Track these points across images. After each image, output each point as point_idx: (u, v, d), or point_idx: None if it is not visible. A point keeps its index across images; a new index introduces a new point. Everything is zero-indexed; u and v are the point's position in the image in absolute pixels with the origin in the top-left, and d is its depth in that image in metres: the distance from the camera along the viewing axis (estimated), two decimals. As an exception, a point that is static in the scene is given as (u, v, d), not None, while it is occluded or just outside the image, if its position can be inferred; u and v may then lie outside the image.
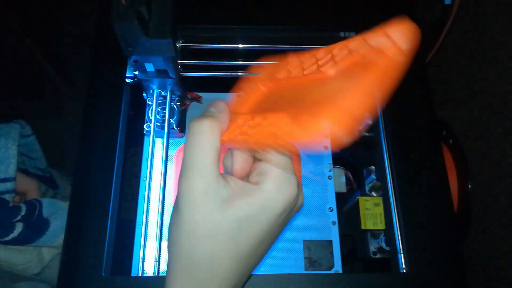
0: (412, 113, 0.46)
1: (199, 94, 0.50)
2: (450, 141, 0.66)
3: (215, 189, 0.24)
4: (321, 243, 0.45)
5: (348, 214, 0.50)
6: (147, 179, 0.43)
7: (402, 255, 0.40)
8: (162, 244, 0.43)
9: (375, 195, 0.50)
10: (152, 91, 0.45)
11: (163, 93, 0.46)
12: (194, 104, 0.51)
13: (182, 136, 0.49)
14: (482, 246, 0.61)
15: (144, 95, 0.46)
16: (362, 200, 0.48)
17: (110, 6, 0.31)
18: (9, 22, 0.97)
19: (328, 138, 0.50)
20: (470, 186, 0.61)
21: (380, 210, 0.47)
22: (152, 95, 0.45)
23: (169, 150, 0.48)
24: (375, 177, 0.48)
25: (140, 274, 0.39)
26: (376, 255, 0.47)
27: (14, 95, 1.18)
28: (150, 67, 0.40)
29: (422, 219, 0.42)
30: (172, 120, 0.46)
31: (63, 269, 0.39)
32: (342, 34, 0.50)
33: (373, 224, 0.47)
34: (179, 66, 0.42)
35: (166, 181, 0.45)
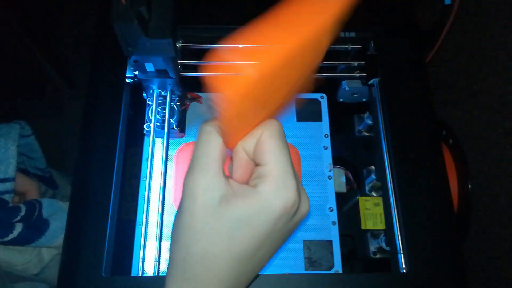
0: (412, 113, 0.46)
1: (199, 94, 0.50)
2: (450, 141, 0.66)
3: (215, 186, 0.24)
4: (321, 243, 0.45)
5: (348, 214, 0.50)
6: (147, 179, 0.43)
7: (402, 255, 0.40)
8: (162, 244, 0.43)
9: (375, 195, 0.50)
10: (152, 91, 0.45)
11: (163, 93, 0.46)
12: (194, 104, 0.51)
13: (182, 136, 0.49)
14: (482, 246, 0.61)
15: (144, 95, 0.47)
16: (362, 200, 0.48)
17: (110, 6, 0.31)
18: (9, 22, 0.97)
19: (328, 138, 0.50)
20: (470, 186, 0.61)
21: (380, 210, 0.47)
22: (152, 95, 0.45)
23: (169, 150, 0.48)
24: (375, 177, 0.48)
25: (140, 274, 0.39)
26: (376, 255, 0.47)
27: (14, 95, 1.18)
28: (150, 67, 0.40)
29: (422, 219, 0.42)
30: (172, 120, 0.46)
31: (63, 269, 0.38)
32: (342, 34, 0.50)
33: (373, 224, 0.47)
34: (179, 66, 0.42)
35: (166, 181, 0.45)
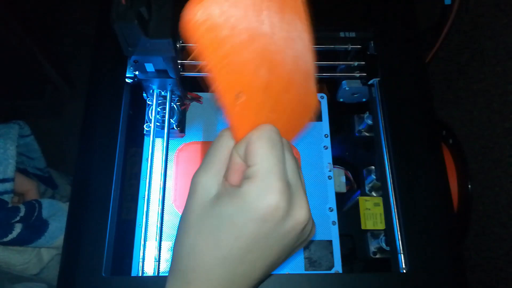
0: (412, 113, 0.46)
1: (199, 94, 0.50)
2: (450, 141, 0.66)
3: (213, 185, 0.26)
4: (321, 243, 0.45)
5: (348, 214, 0.50)
6: (147, 179, 0.43)
7: (402, 255, 0.40)
8: (162, 244, 0.43)
9: (375, 195, 0.50)
10: (152, 91, 0.45)
11: (163, 93, 0.46)
12: (194, 104, 0.51)
13: (182, 136, 0.49)
14: (482, 246, 0.61)
15: (144, 95, 0.46)
16: (362, 200, 0.48)
17: (110, 6, 0.31)
18: (9, 22, 0.97)
19: (328, 138, 0.50)
20: (470, 186, 0.61)
21: (380, 210, 0.47)
22: (152, 95, 0.45)
23: (169, 150, 0.48)
24: (375, 177, 0.48)
25: (140, 274, 0.39)
26: (376, 255, 0.47)
27: (14, 95, 1.18)
28: (150, 67, 0.40)
29: (422, 219, 0.42)
30: (172, 120, 0.46)
31: (63, 268, 0.38)
32: (342, 34, 0.50)
33: (373, 224, 0.47)
34: (179, 66, 0.42)
35: (166, 181, 0.45)
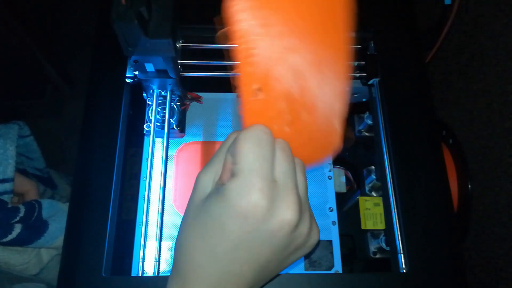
0: (412, 113, 0.46)
1: (199, 94, 0.50)
2: (450, 141, 0.66)
3: (209, 183, 0.27)
4: (321, 243, 0.45)
5: (348, 214, 0.50)
6: (147, 179, 0.43)
7: (402, 255, 0.40)
8: (162, 244, 0.43)
9: (375, 195, 0.50)
10: (152, 91, 0.45)
11: (163, 93, 0.46)
12: (194, 104, 0.51)
13: (182, 136, 0.49)
14: (482, 246, 0.61)
15: (144, 95, 0.46)
16: (362, 200, 0.48)
17: (110, 6, 0.31)
18: (9, 22, 0.97)
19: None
20: (470, 186, 0.61)
21: (380, 210, 0.47)
22: (152, 95, 0.45)
23: (169, 150, 0.48)
24: (375, 177, 0.48)
25: (140, 274, 0.39)
26: (376, 255, 0.47)
27: (14, 95, 1.18)
28: (150, 67, 0.40)
29: (422, 219, 0.42)
30: (172, 120, 0.46)
31: (63, 268, 0.38)
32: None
33: (373, 224, 0.47)
34: (179, 66, 0.42)
35: (166, 181, 0.45)
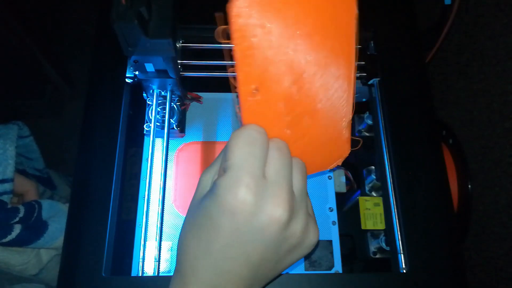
0: (412, 113, 0.46)
1: (199, 94, 0.50)
2: (450, 141, 0.66)
3: (208, 182, 0.28)
4: (321, 243, 0.45)
5: (348, 214, 0.50)
6: (147, 179, 0.43)
7: (402, 255, 0.40)
8: (162, 244, 0.43)
9: (375, 195, 0.50)
10: (152, 91, 0.45)
11: (163, 93, 0.46)
12: (194, 104, 0.51)
13: (182, 136, 0.49)
14: (482, 246, 0.61)
15: (144, 95, 0.46)
16: (362, 200, 0.48)
17: (110, 6, 0.31)
18: (9, 22, 0.97)
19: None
20: (470, 186, 0.61)
21: (380, 210, 0.47)
22: (152, 95, 0.45)
23: (169, 150, 0.48)
24: (375, 177, 0.48)
25: (140, 274, 0.39)
26: (376, 255, 0.47)
27: (14, 95, 1.18)
28: (150, 67, 0.40)
29: (422, 219, 0.42)
30: (172, 120, 0.46)
31: (63, 268, 0.38)
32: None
33: (373, 224, 0.47)
34: (179, 66, 0.42)
35: (166, 181, 0.45)
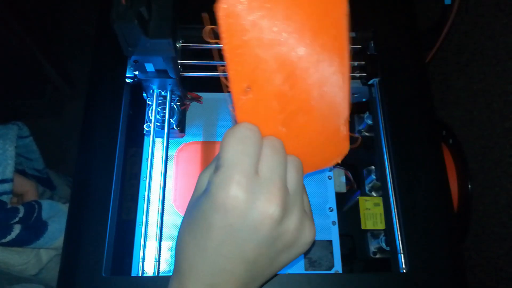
0: (412, 113, 0.46)
1: (199, 94, 0.50)
2: (450, 141, 0.66)
3: (207, 181, 0.27)
4: (321, 243, 0.45)
5: (348, 214, 0.50)
6: (147, 179, 0.43)
7: (402, 255, 0.40)
8: (162, 244, 0.43)
9: (375, 195, 0.50)
10: (152, 91, 0.45)
11: (163, 93, 0.46)
12: (194, 104, 0.51)
13: (182, 136, 0.49)
14: (482, 246, 0.61)
15: (144, 95, 0.47)
16: (362, 200, 0.48)
17: (110, 6, 0.31)
18: (9, 22, 0.97)
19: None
20: (470, 186, 0.61)
21: (380, 210, 0.47)
22: (152, 95, 0.45)
23: (169, 150, 0.48)
24: (375, 177, 0.48)
25: (140, 274, 0.39)
26: (376, 255, 0.47)
27: (14, 95, 1.18)
28: (150, 67, 0.40)
29: (422, 219, 0.42)
30: (172, 120, 0.46)
31: (63, 268, 0.38)
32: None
33: (373, 224, 0.47)
34: (179, 66, 0.42)
35: (166, 181, 0.45)
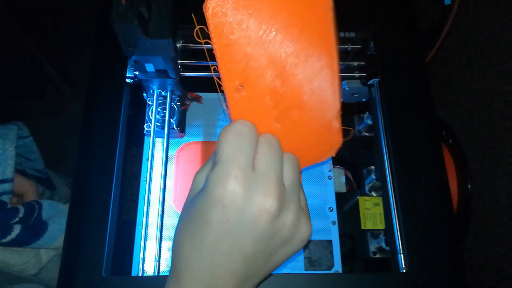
0: (412, 113, 0.46)
1: (199, 94, 0.50)
2: (450, 141, 0.66)
3: (203, 179, 0.27)
4: (321, 243, 0.45)
5: (348, 214, 0.50)
6: (147, 179, 0.43)
7: (402, 255, 0.40)
8: (162, 244, 0.43)
9: (375, 195, 0.50)
10: (152, 91, 0.45)
11: (163, 93, 0.46)
12: (194, 104, 0.51)
13: (182, 136, 0.49)
14: (482, 246, 0.61)
15: (144, 95, 0.47)
16: (362, 200, 0.48)
17: (110, 6, 0.31)
18: (9, 22, 0.97)
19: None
20: (470, 186, 0.61)
21: (380, 210, 0.47)
22: (152, 95, 0.45)
23: (169, 150, 0.48)
24: (375, 177, 0.48)
25: (140, 274, 0.39)
26: (376, 255, 0.47)
27: (14, 95, 1.18)
28: (150, 67, 0.40)
29: (422, 219, 0.42)
30: (172, 120, 0.46)
31: (63, 268, 0.38)
32: (342, 34, 0.50)
33: (373, 224, 0.47)
34: (179, 66, 0.42)
35: (166, 181, 0.45)
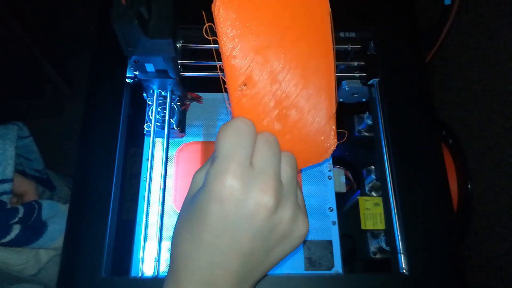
0: (412, 113, 0.46)
1: (199, 94, 0.50)
2: (450, 141, 0.66)
3: (203, 178, 0.27)
4: (321, 243, 0.45)
5: (348, 214, 0.50)
6: (147, 179, 0.43)
7: (402, 255, 0.40)
8: (162, 245, 0.43)
9: (375, 195, 0.50)
10: (152, 91, 0.45)
11: (163, 93, 0.46)
12: (194, 104, 0.51)
13: (182, 136, 0.49)
14: (482, 246, 0.61)
15: (144, 95, 0.47)
16: (362, 200, 0.48)
17: (110, 6, 0.31)
18: (9, 22, 0.97)
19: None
20: (470, 186, 0.61)
21: (380, 210, 0.47)
22: (152, 95, 0.45)
23: (169, 150, 0.48)
24: (375, 177, 0.48)
25: (139, 275, 0.39)
26: (376, 255, 0.47)
27: (14, 95, 1.18)
28: (150, 67, 0.40)
29: (422, 219, 0.42)
30: (172, 120, 0.46)
31: (63, 268, 0.38)
32: (342, 34, 0.50)
33: (373, 224, 0.47)
34: (179, 66, 0.42)
35: (166, 181, 0.45)
